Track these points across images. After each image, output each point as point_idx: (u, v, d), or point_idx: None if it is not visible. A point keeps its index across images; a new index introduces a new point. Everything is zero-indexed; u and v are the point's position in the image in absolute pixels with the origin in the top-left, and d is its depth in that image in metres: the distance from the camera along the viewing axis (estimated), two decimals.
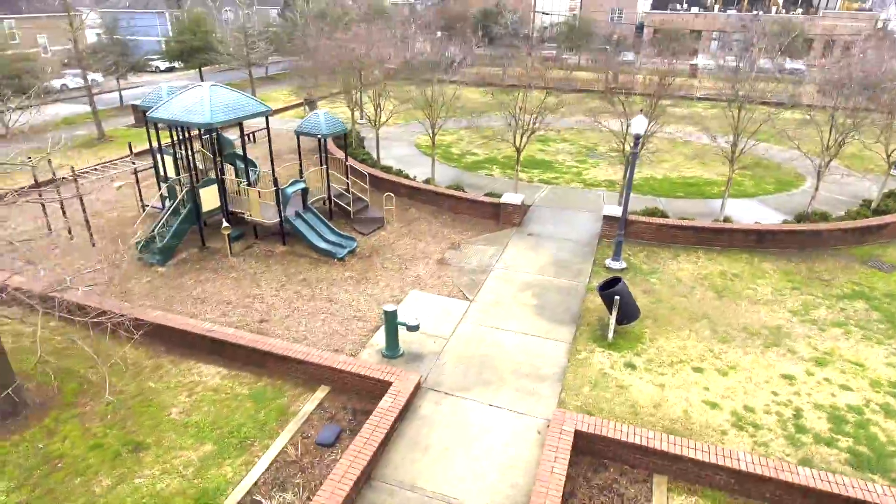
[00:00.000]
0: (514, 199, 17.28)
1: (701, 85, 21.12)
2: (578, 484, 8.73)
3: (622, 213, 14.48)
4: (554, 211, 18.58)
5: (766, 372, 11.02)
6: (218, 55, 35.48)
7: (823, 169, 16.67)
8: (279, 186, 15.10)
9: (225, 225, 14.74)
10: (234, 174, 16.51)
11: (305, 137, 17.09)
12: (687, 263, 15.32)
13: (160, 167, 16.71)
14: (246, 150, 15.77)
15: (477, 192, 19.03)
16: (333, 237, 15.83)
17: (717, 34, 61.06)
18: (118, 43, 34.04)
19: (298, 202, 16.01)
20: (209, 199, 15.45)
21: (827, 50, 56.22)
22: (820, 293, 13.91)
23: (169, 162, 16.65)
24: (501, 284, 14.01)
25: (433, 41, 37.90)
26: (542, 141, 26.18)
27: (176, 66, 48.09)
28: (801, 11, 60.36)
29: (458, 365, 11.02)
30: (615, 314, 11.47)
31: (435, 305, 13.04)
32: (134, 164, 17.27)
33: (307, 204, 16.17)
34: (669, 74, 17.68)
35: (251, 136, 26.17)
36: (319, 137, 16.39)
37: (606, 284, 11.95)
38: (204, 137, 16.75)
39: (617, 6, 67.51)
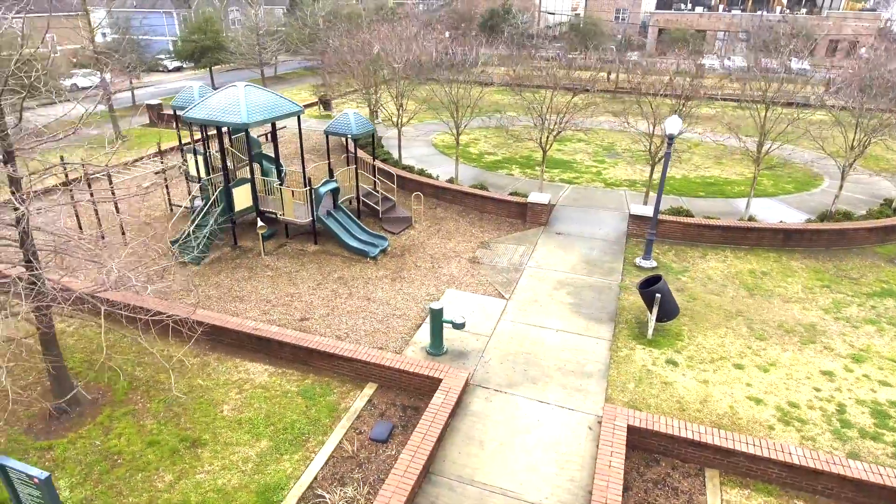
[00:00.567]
0: (541, 198, 17.43)
1: (721, 84, 21.19)
2: (633, 478, 8.89)
3: (654, 212, 14.63)
4: (578, 210, 18.73)
5: (805, 368, 11.19)
6: (230, 55, 35.54)
7: (848, 169, 16.86)
8: (312, 186, 15.20)
9: (260, 224, 14.85)
10: (259, 174, 16.59)
11: (316, 135, 17.17)
12: (716, 262, 15.49)
13: (194, 167, 16.77)
14: (278, 150, 15.87)
15: (499, 191, 19.18)
16: (365, 236, 15.95)
17: (722, 34, 61.38)
18: (132, 42, 34.08)
19: (329, 202, 16.12)
20: (242, 198, 15.55)
21: (830, 50, 56.64)
22: (850, 291, 14.09)
23: (197, 161, 16.72)
24: (536, 283, 14.15)
25: (440, 41, 38.04)
26: (559, 141, 26.30)
27: (183, 65, 48.14)
28: (804, 11, 60.68)
29: (503, 362, 11.16)
30: (656, 312, 11.62)
31: (472, 303, 13.18)
32: (163, 163, 17.34)
33: (338, 203, 16.28)
34: (697, 76, 17.79)
35: (266, 136, 26.21)
36: (349, 138, 16.49)
37: (646, 283, 12.10)
38: (233, 137, 16.83)
39: (621, 6, 67.79)
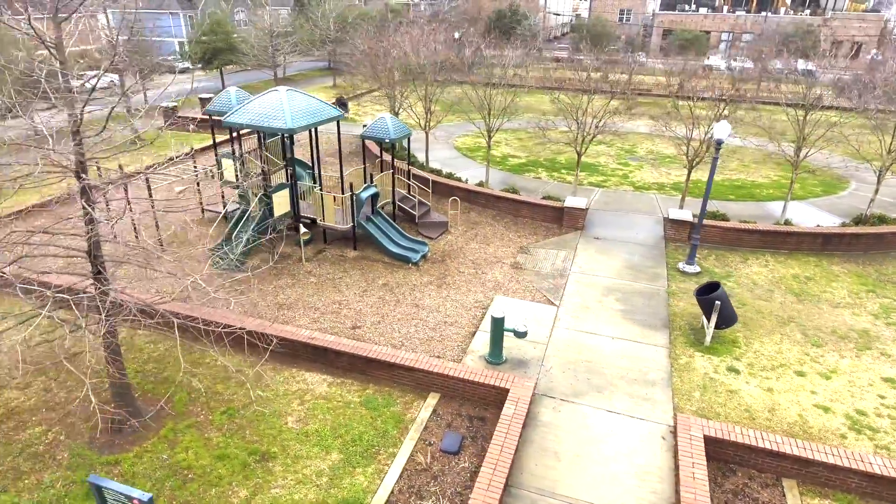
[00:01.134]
0: (577, 202, 17.36)
1: (759, 88, 21.20)
2: (711, 489, 8.80)
3: (699, 217, 14.59)
4: (612, 214, 18.67)
5: (866, 375, 11.17)
6: (242, 56, 35.28)
7: (885, 173, 16.89)
8: (353, 191, 15.06)
9: (304, 231, 14.69)
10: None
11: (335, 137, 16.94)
12: (758, 266, 15.47)
13: (230, 172, 16.56)
14: (319, 155, 15.70)
15: (529, 194, 19.11)
16: (405, 242, 15.82)
17: (726, 35, 61.59)
18: (143, 44, 33.72)
19: (368, 207, 15.98)
20: (280, 203, 15.38)
21: (833, 51, 56.92)
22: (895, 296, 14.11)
23: (228, 166, 16.52)
24: (583, 289, 14.07)
25: (449, 42, 37.94)
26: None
27: (189, 67, 47.75)
28: (808, 12, 60.98)
29: (564, 371, 11.07)
30: (714, 319, 11.57)
31: (523, 310, 13.08)
32: (196, 168, 17.14)
33: (376, 208, 16.15)
34: (742, 80, 17.78)
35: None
36: (387, 142, 16.36)
37: (703, 289, 12.05)
38: (268, 142, 16.65)
39: (626, 7, 67.92)
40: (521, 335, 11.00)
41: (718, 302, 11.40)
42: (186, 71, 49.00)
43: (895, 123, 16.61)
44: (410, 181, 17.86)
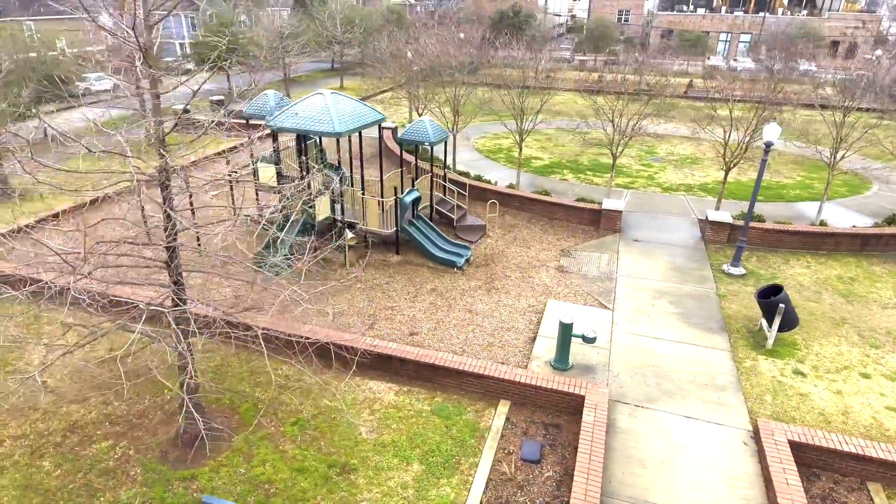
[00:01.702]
0: (615, 204, 17.33)
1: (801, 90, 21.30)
2: None
3: (746, 219, 14.61)
4: (646, 216, 18.67)
5: None
6: (251, 58, 34.86)
7: None
8: (396, 195, 14.90)
9: (350, 236, 14.51)
10: None
11: (337, 139, 16.62)
12: (800, 268, 15.54)
13: (270, 175, 16.27)
14: (362, 158, 15.51)
15: (560, 196, 19.08)
16: (448, 246, 15.68)
17: (724, 35, 62.10)
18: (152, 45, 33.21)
19: (410, 211, 15.81)
20: (322, 208, 15.18)
21: (832, 51, 57.58)
22: None
23: (265, 170, 16.27)
24: (633, 292, 14.03)
25: (454, 43, 37.80)
26: (597, 145, 26.29)
27: (192, 67, 47.14)
28: (805, 13, 61.69)
29: (632, 376, 11.01)
30: (777, 322, 11.57)
31: (578, 315, 13.00)
32: (233, 172, 16.81)
33: (417, 212, 15.99)
34: (781, 81, 17.86)
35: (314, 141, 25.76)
36: (427, 145, 16.20)
37: (765, 292, 12.05)
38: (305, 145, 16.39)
39: (624, 7, 68.25)
40: (589, 340, 10.92)
41: (782, 305, 11.41)
42: (188, 72, 48.61)
43: None
44: (447, 184, 17.72)
